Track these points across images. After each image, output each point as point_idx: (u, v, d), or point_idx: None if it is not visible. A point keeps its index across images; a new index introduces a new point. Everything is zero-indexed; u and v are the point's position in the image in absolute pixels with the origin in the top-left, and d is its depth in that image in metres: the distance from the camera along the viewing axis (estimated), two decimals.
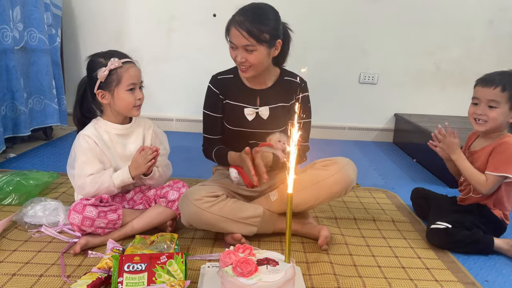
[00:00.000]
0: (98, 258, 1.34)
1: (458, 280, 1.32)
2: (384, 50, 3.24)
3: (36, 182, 1.80)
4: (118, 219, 1.44)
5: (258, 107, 1.57)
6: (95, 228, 1.39)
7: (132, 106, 1.46)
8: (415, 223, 1.76)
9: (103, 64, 1.42)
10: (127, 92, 1.43)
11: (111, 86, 1.43)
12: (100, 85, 1.43)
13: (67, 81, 3.10)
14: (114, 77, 1.42)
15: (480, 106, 1.53)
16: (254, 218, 1.45)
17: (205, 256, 1.39)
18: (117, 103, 1.45)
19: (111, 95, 1.44)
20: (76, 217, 1.37)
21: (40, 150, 2.62)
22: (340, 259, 1.42)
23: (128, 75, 1.43)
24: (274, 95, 1.58)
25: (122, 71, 1.42)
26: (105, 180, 1.43)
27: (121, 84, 1.42)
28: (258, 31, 1.41)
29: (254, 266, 1.12)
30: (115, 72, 1.41)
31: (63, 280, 1.22)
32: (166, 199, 1.49)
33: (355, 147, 3.15)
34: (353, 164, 1.52)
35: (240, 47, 1.44)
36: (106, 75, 1.41)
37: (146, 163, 1.42)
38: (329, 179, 1.46)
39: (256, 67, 1.48)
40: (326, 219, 1.74)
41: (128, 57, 1.48)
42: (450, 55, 3.25)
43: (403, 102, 3.34)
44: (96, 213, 1.38)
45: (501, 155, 1.51)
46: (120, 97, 1.44)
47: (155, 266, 1.17)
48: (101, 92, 1.44)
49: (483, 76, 1.56)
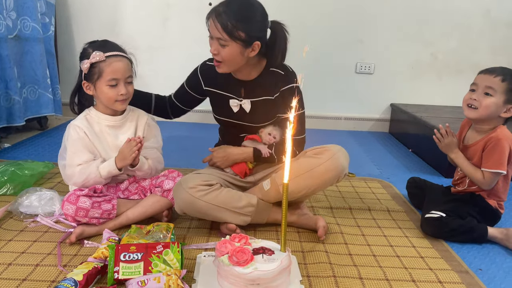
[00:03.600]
0: (94, 248, 1.34)
1: (452, 268, 1.33)
2: (381, 40, 3.23)
3: (31, 172, 1.79)
4: (112, 209, 1.44)
5: (242, 99, 1.54)
6: (90, 218, 1.39)
7: (113, 100, 1.43)
8: (410, 212, 1.77)
9: (88, 55, 1.40)
10: (108, 87, 1.41)
11: (93, 79, 1.41)
12: (85, 76, 1.42)
13: (61, 71, 3.07)
14: (96, 71, 1.40)
15: (477, 92, 1.53)
16: (248, 208, 1.45)
17: (201, 245, 1.40)
18: (99, 96, 1.44)
19: (94, 87, 1.43)
20: (69, 208, 1.37)
21: (35, 140, 2.61)
22: (336, 248, 1.43)
23: (110, 70, 1.39)
24: (258, 87, 1.53)
25: (105, 65, 1.39)
26: (92, 170, 1.42)
27: (102, 78, 1.40)
28: (232, 27, 1.35)
29: (250, 255, 1.12)
30: (97, 66, 1.39)
31: (59, 269, 1.22)
32: (162, 188, 1.49)
33: (350, 137, 3.16)
34: (345, 151, 1.50)
35: (214, 38, 1.40)
36: (88, 67, 1.39)
37: (131, 154, 1.40)
38: (321, 167, 1.45)
39: (228, 64, 1.43)
40: (322, 208, 1.74)
41: (118, 49, 1.44)
42: (447, 45, 3.24)
43: (399, 92, 3.34)
44: (90, 204, 1.38)
45: (493, 152, 1.52)
46: (101, 91, 1.42)
47: (151, 255, 1.18)
48: (86, 83, 1.43)
49: (487, 68, 1.56)
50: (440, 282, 1.25)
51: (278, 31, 1.46)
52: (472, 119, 1.59)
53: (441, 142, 1.63)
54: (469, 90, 1.57)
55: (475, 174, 1.56)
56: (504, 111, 1.51)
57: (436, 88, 3.33)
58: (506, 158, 1.51)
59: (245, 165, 1.56)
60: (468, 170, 1.58)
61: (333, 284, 1.21)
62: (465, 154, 1.62)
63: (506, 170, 1.52)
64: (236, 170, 1.56)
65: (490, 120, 1.55)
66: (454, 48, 3.25)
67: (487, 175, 1.53)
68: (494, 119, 1.54)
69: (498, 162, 1.51)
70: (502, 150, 1.51)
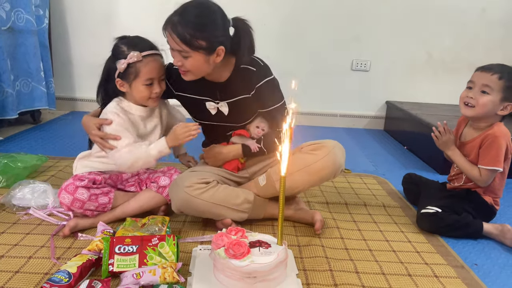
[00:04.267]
0: (88, 241, 1.32)
1: (447, 263, 1.33)
2: (377, 37, 3.23)
3: (24, 165, 1.76)
4: (108, 202, 1.43)
5: (219, 101, 1.50)
6: (84, 210, 1.38)
7: (147, 98, 1.43)
8: (405, 208, 1.77)
9: (124, 54, 1.37)
10: (144, 86, 1.40)
11: (129, 79, 1.40)
12: (119, 74, 1.40)
13: (55, 65, 3.04)
14: (132, 71, 1.38)
15: (473, 90, 1.53)
16: (245, 204, 1.44)
17: (197, 238, 1.39)
18: (133, 93, 1.43)
19: (129, 86, 1.41)
20: (66, 197, 1.36)
21: (28, 133, 2.57)
22: (332, 243, 1.42)
23: (147, 70, 1.38)
24: (233, 88, 1.47)
25: (141, 65, 1.37)
26: (141, 152, 1.40)
27: (139, 78, 1.39)
28: (191, 37, 1.27)
29: (246, 248, 1.12)
30: (133, 66, 1.37)
31: (53, 262, 1.20)
32: (157, 184, 1.48)
33: (346, 135, 3.16)
34: (341, 146, 1.48)
35: (175, 50, 1.33)
36: (125, 67, 1.37)
37: (186, 137, 1.40)
38: (317, 164, 1.43)
39: (195, 72, 1.38)
40: (318, 203, 1.74)
41: (153, 47, 1.42)
42: (442, 42, 3.25)
43: (395, 90, 3.34)
44: (88, 196, 1.37)
45: (490, 149, 1.52)
46: (137, 89, 1.41)
47: (147, 248, 1.17)
48: (119, 81, 1.41)
49: (484, 65, 1.55)
50: (436, 277, 1.25)
51: (241, 28, 1.39)
52: (469, 117, 1.59)
53: (439, 139, 1.63)
54: (466, 87, 1.57)
55: (472, 171, 1.56)
56: (501, 109, 1.51)
57: (431, 86, 3.34)
58: (503, 155, 1.52)
59: (237, 161, 1.55)
60: (464, 167, 1.58)
61: (330, 278, 1.21)
62: (462, 151, 1.62)
63: (502, 167, 1.52)
64: (228, 168, 1.54)
65: (487, 118, 1.54)
66: (450, 46, 3.26)
67: (483, 172, 1.53)
68: (491, 116, 1.54)
69: (494, 159, 1.51)
70: (499, 147, 1.51)
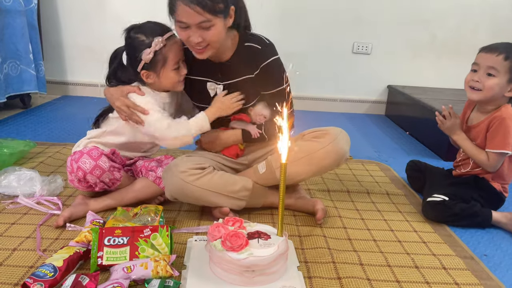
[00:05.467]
0: (76, 232, 1.25)
1: (456, 254, 1.27)
2: (379, 19, 3.12)
3: (11, 151, 1.68)
4: (119, 179, 1.38)
5: (220, 83, 1.41)
6: (99, 181, 1.32)
7: (177, 82, 1.36)
8: (410, 196, 1.71)
9: (146, 44, 1.29)
10: (174, 71, 1.33)
11: (157, 67, 1.32)
12: (144, 65, 1.32)
13: (45, 48, 2.92)
14: (160, 58, 1.30)
15: (478, 73, 1.45)
16: (242, 192, 1.37)
17: (192, 229, 1.32)
18: (163, 82, 1.35)
19: (157, 75, 1.33)
20: (88, 162, 1.28)
21: (17, 118, 2.48)
22: (334, 233, 1.36)
23: (174, 54, 1.32)
24: (236, 68, 1.38)
25: (167, 50, 1.30)
26: (181, 128, 1.35)
27: (167, 64, 1.32)
28: (211, 2, 1.19)
29: (244, 239, 1.05)
30: (160, 53, 1.30)
31: (38, 254, 1.13)
32: (155, 173, 1.40)
33: (346, 120, 3.08)
34: (346, 133, 1.41)
35: (193, 25, 1.22)
36: (151, 57, 1.29)
37: (236, 106, 1.37)
38: (321, 151, 1.36)
39: (214, 45, 1.27)
40: (319, 191, 1.67)
41: (168, 29, 1.33)
42: (446, 24, 3.15)
43: (396, 74, 3.25)
44: (108, 166, 1.32)
45: (497, 132, 1.45)
46: (166, 77, 1.34)
47: (138, 239, 1.10)
48: (145, 73, 1.33)
49: (489, 44, 1.47)
50: (444, 269, 1.19)
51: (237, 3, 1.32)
52: (476, 101, 1.52)
53: (444, 123, 1.56)
54: (470, 70, 1.50)
55: (479, 156, 1.49)
56: (509, 90, 1.44)
57: (435, 70, 3.24)
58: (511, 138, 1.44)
59: (236, 147, 1.47)
60: (471, 152, 1.51)
61: (333, 270, 1.14)
62: (469, 135, 1.55)
63: (511, 150, 1.45)
64: (227, 154, 1.46)
65: (494, 101, 1.48)
66: (454, 28, 3.16)
67: (491, 156, 1.46)
68: (498, 99, 1.47)
69: (503, 142, 1.44)
70: (507, 130, 1.44)
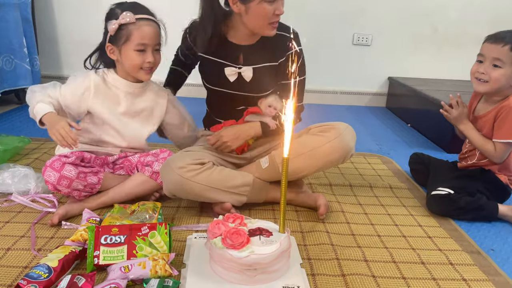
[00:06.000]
0: (72, 230, 1.21)
1: (462, 249, 1.24)
2: (380, 10, 3.06)
3: (5, 147, 1.64)
4: (97, 183, 1.32)
5: (241, 66, 1.38)
6: (72, 189, 1.27)
7: (138, 68, 1.31)
8: (413, 189, 1.67)
9: (116, 15, 1.27)
10: (136, 52, 1.29)
11: (120, 42, 1.29)
12: (110, 38, 1.29)
13: (40, 42, 2.87)
14: (124, 33, 1.27)
15: (484, 64, 1.42)
16: (243, 187, 1.34)
17: (191, 226, 1.28)
18: (123, 61, 1.32)
19: (119, 51, 1.30)
20: (52, 175, 1.23)
21: (12, 114, 2.44)
22: (337, 228, 1.32)
23: (139, 34, 1.27)
24: (261, 52, 1.38)
25: (134, 28, 1.27)
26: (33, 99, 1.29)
27: (130, 42, 1.28)
28: None
29: (245, 237, 1.02)
30: (125, 28, 1.27)
31: (33, 254, 1.09)
32: (151, 168, 1.36)
33: (347, 113, 3.04)
34: (352, 129, 1.39)
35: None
36: (116, 29, 1.26)
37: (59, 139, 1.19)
38: (326, 146, 1.33)
39: None
40: (321, 186, 1.63)
41: (149, 13, 1.32)
42: (447, 16, 3.10)
43: (397, 65, 3.20)
44: (76, 174, 1.25)
45: (505, 121, 1.41)
46: (127, 56, 1.30)
47: (136, 238, 1.06)
48: (110, 46, 1.31)
49: (494, 33, 1.43)
50: (451, 264, 1.16)
51: None
52: (483, 93, 1.49)
53: (451, 113, 1.53)
54: (476, 61, 1.46)
55: (486, 146, 1.46)
56: None
57: (435, 61, 3.19)
58: None
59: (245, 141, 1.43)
60: (478, 142, 1.47)
61: (337, 267, 1.11)
62: (475, 125, 1.51)
63: None
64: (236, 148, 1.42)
65: (502, 91, 1.44)
66: (455, 19, 3.11)
67: (498, 146, 1.43)
68: (506, 89, 1.43)
69: (510, 132, 1.41)
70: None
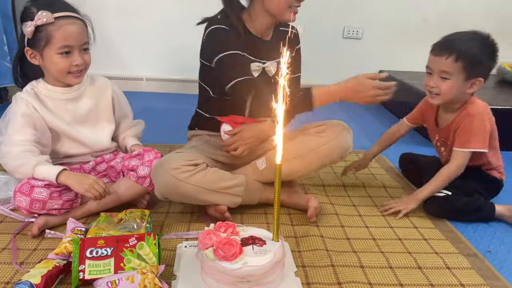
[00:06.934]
0: (57, 240, 1.16)
1: (459, 251, 1.22)
2: (370, 3, 3.02)
3: None
4: (76, 198, 1.25)
5: (265, 61, 1.39)
6: (48, 210, 1.20)
7: (65, 72, 1.21)
8: (407, 188, 1.65)
9: (32, 16, 1.15)
10: (59, 55, 1.18)
11: (39, 46, 1.17)
12: (28, 42, 1.18)
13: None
14: (43, 35, 1.16)
15: (433, 77, 1.38)
16: (237, 187, 1.30)
17: (181, 234, 1.24)
18: (48, 66, 1.21)
19: (41, 56, 1.19)
20: (22, 200, 1.16)
21: None
22: (332, 232, 1.29)
23: (61, 35, 1.16)
24: (276, 48, 1.31)
25: (53, 29, 1.15)
26: (28, 164, 1.17)
27: (51, 45, 1.17)
28: None
29: (238, 247, 0.97)
30: (44, 29, 1.15)
31: (15, 268, 1.04)
32: (136, 173, 1.29)
33: (337, 108, 2.99)
34: (348, 127, 1.39)
35: None
36: (33, 31, 1.15)
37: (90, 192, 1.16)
38: (325, 147, 1.33)
39: None
40: (313, 186, 1.60)
41: (70, 9, 1.20)
42: (437, 8, 3.07)
43: (388, 59, 3.15)
44: (48, 194, 1.18)
45: (466, 130, 1.37)
46: (50, 61, 1.19)
47: (123, 250, 1.01)
48: (30, 50, 1.19)
49: (439, 40, 1.39)
50: (448, 268, 1.13)
51: None
52: (437, 105, 1.46)
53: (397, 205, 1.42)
54: (426, 72, 1.42)
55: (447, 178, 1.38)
56: (469, 87, 1.36)
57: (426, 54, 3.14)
58: (481, 133, 1.37)
59: None
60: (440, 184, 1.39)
61: (332, 275, 1.08)
62: (441, 137, 1.49)
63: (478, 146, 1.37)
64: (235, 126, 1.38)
65: (457, 100, 1.40)
66: (445, 11, 3.08)
67: (458, 154, 1.38)
68: (461, 97, 1.39)
69: (469, 140, 1.37)
70: (480, 126, 1.37)
